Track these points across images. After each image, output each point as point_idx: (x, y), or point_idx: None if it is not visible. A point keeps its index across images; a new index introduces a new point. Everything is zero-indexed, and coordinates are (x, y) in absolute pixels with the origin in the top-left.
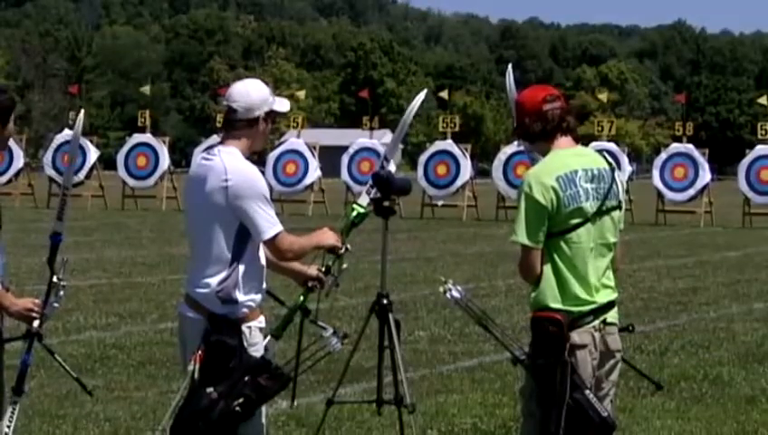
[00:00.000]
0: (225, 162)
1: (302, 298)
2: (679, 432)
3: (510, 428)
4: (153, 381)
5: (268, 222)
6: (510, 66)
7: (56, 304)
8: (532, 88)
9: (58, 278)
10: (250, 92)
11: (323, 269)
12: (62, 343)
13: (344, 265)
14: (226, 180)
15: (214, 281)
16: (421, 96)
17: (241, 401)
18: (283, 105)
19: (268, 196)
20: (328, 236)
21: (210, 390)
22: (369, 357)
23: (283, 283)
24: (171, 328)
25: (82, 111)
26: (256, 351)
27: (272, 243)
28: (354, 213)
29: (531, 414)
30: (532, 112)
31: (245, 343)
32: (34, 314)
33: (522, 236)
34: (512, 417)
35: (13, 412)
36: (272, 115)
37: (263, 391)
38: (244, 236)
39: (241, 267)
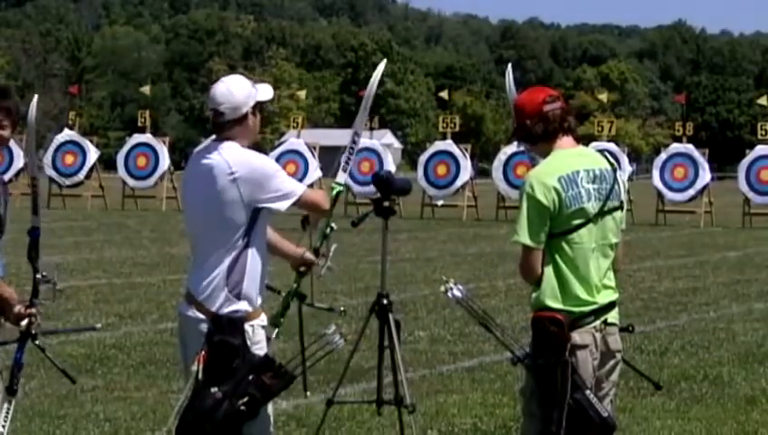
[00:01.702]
0: (227, 157)
1: (295, 285)
2: (679, 432)
3: (510, 428)
4: (153, 381)
5: (288, 190)
6: (509, 66)
7: (45, 301)
8: (530, 90)
9: (42, 275)
10: (233, 91)
11: (312, 251)
12: (61, 343)
13: (333, 246)
14: (233, 173)
15: (219, 272)
16: (381, 67)
17: (245, 400)
18: (266, 93)
19: (276, 166)
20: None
21: (214, 390)
22: (369, 357)
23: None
24: (171, 328)
25: None
26: (260, 349)
27: (302, 202)
28: (334, 191)
29: (531, 414)
30: (534, 114)
31: (248, 342)
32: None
33: (523, 237)
34: (512, 417)
35: (8, 412)
36: (258, 106)
37: (267, 389)
38: (252, 230)
39: (248, 261)
